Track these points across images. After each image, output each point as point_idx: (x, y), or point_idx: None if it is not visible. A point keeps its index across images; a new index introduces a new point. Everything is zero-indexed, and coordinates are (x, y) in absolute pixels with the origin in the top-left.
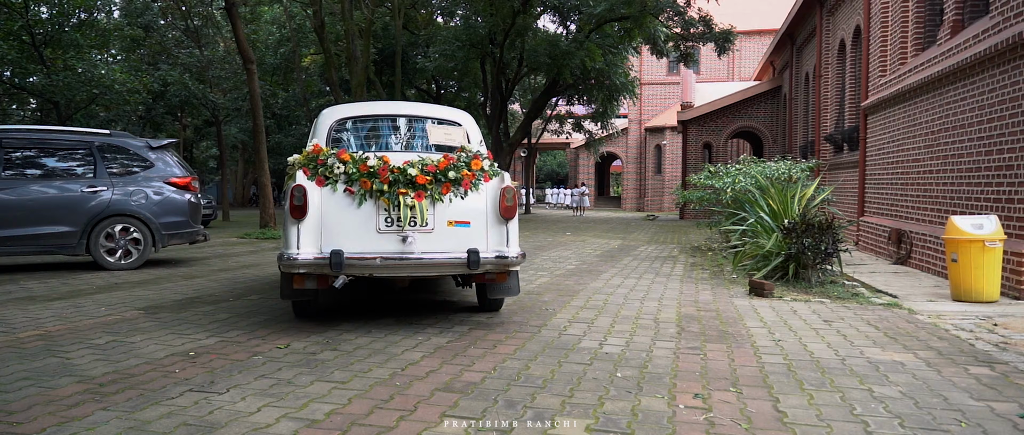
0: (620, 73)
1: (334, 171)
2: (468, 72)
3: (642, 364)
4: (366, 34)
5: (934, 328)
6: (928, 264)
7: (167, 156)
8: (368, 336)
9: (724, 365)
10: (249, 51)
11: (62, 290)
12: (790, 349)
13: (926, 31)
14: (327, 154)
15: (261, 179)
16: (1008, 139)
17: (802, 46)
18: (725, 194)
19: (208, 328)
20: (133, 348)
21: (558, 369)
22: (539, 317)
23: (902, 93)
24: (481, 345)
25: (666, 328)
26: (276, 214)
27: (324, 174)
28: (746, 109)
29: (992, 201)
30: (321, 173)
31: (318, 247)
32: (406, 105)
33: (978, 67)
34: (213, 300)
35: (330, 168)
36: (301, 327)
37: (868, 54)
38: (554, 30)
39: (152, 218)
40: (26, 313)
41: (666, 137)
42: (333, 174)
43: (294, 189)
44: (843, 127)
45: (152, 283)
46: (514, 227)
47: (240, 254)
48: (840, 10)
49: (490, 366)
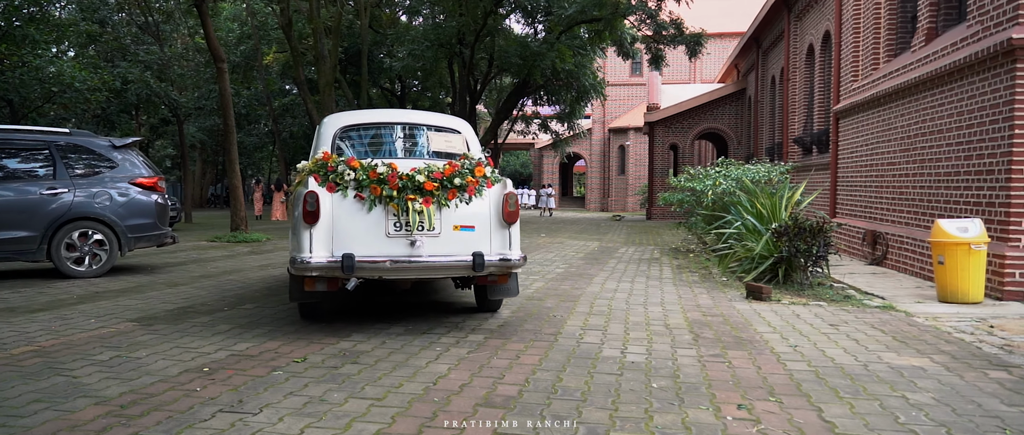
0: (589, 74)
1: (344, 178)
2: (434, 72)
3: (672, 374)
4: (334, 33)
5: (936, 331)
6: (906, 265)
7: (132, 156)
8: (384, 347)
9: (752, 373)
10: (220, 50)
11: (41, 300)
12: (810, 355)
13: (899, 38)
14: (337, 161)
15: (232, 180)
16: (988, 145)
17: (768, 50)
18: (706, 196)
19: (212, 340)
20: (141, 364)
21: (591, 380)
22: (550, 325)
23: (877, 98)
24: (503, 355)
25: (680, 335)
26: (247, 216)
27: (335, 180)
28: (711, 111)
29: (972, 205)
30: (332, 180)
31: (330, 251)
32: (407, 113)
33: (957, 74)
34: (207, 309)
35: (340, 175)
36: (311, 338)
37: (839, 59)
38: (521, 31)
39: (117, 221)
40: (11, 326)
41: (630, 138)
42: (343, 180)
43: (307, 195)
44: (812, 130)
45: (135, 291)
46: (516, 231)
47: (216, 259)
48: (808, 15)
49: (521, 378)
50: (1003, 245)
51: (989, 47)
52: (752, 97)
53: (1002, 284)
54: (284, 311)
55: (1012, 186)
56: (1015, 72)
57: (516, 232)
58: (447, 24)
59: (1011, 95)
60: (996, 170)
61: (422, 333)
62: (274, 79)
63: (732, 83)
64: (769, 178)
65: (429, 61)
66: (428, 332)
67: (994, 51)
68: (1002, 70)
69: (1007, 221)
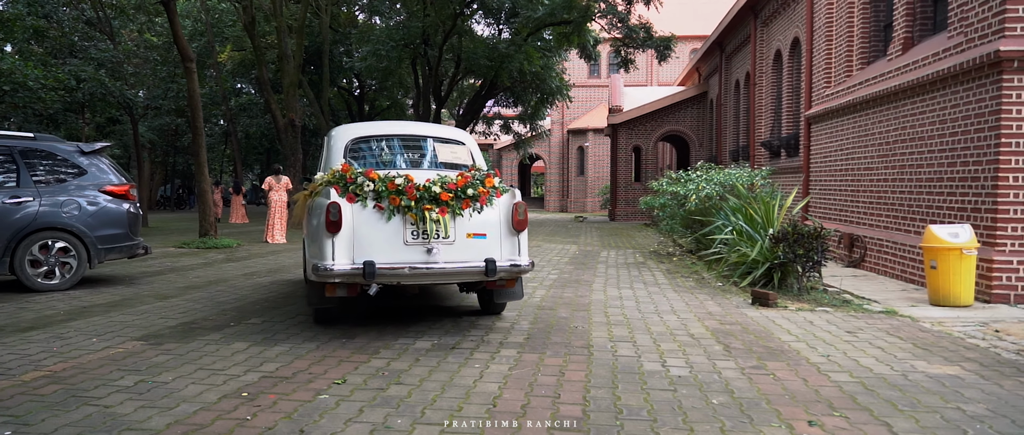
0: (555, 76)
1: (364, 189)
2: (393, 72)
3: (725, 389)
4: (299, 32)
5: (949, 337)
6: (885, 268)
7: (101, 161)
8: (420, 365)
9: (800, 386)
10: (188, 49)
11: (27, 317)
12: (846, 365)
13: (871, 46)
14: (356, 173)
15: (201, 184)
16: (973, 152)
17: (732, 54)
18: (689, 201)
19: (235, 360)
20: (172, 390)
21: (649, 398)
22: (577, 336)
23: (853, 104)
24: (546, 371)
25: (709, 345)
26: (192, 219)
27: (355, 192)
28: (674, 114)
29: (956, 210)
30: (352, 191)
31: (351, 259)
32: (413, 125)
33: (939, 83)
34: (211, 325)
35: (360, 186)
36: (336, 355)
37: (811, 65)
38: (486, 33)
39: (87, 231)
40: (6, 347)
41: (589, 139)
42: (363, 191)
43: (330, 206)
44: (780, 134)
45: (124, 305)
46: (524, 238)
47: (194, 267)
48: (776, 22)
49: (577, 396)
50: (990, 250)
51: (975, 58)
52: (715, 100)
53: (990, 287)
54: (294, 325)
55: (999, 193)
56: (1001, 83)
57: (524, 239)
58: (412, 24)
59: (997, 105)
60: (982, 177)
61: (451, 348)
62: (226, 77)
63: (694, 86)
64: (752, 182)
65: (393, 61)
66: (457, 347)
67: (980, 62)
68: (987, 80)
69: (994, 226)
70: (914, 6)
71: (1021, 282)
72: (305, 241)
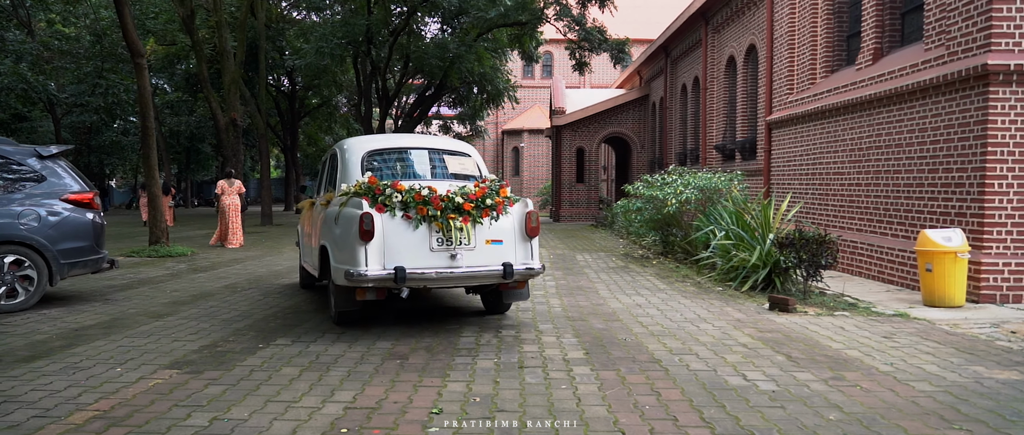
0: (502, 77)
1: (392, 200)
2: (328, 71)
3: (828, 403)
4: (241, 28)
5: (975, 338)
6: (860, 269)
7: (59, 166)
8: (508, 389)
9: (892, 397)
10: (139, 43)
11: (16, 343)
12: (916, 373)
13: (835, 55)
14: (384, 185)
15: (152, 188)
16: (957, 159)
17: (678, 59)
18: (668, 205)
19: (297, 389)
20: (259, 428)
21: (765, 416)
22: (634, 349)
23: (822, 111)
24: (637, 389)
25: (768, 355)
26: (166, 228)
27: (384, 202)
28: (616, 116)
29: (939, 214)
30: (381, 201)
31: (382, 264)
32: (422, 138)
33: (920, 93)
34: (240, 348)
35: (388, 197)
36: (407, 380)
37: (771, 73)
38: (432, 33)
39: (47, 245)
40: (24, 383)
41: (524, 140)
42: (391, 202)
43: (363, 216)
44: (734, 137)
45: (120, 327)
46: (536, 243)
47: (160, 279)
48: (728, 29)
49: (694, 418)
50: (978, 252)
51: (961, 71)
52: (656, 104)
53: (978, 288)
54: (327, 343)
55: (985, 199)
56: (988, 95)
57: (536, 244)
58: (357, 21)
59: (983, 115)
60: (967, 183)
61: (519, 367)
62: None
63: (635, 89)
64: (730, 186)
65: (336, 59)
66: (524, 365)
67: (966, 75)
68: (973, 92)
69: (981, 231)
70: (883, 19)
71: (1006, 283)
72: (301, 247)
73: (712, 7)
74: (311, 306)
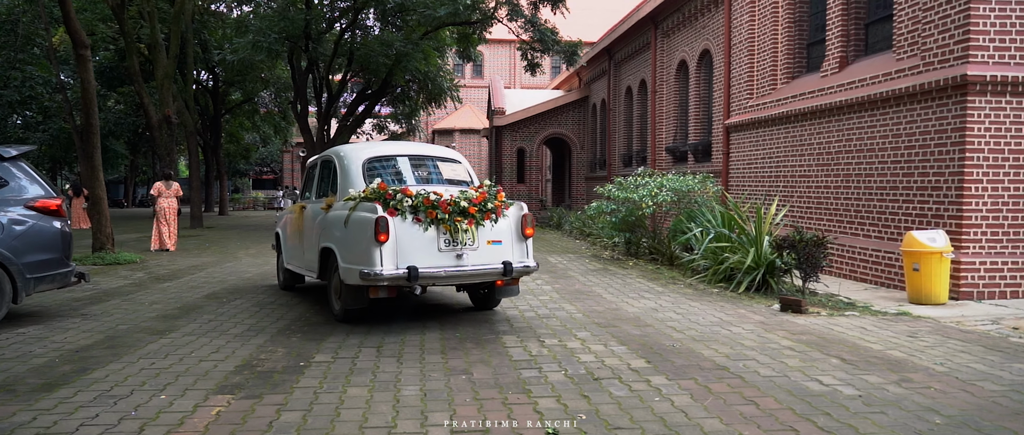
0: (446, 76)
1: (403, 204)
2: (257, 67)
3: (922, 407)
4: (175, 20)
5: (988, 335)
6: (831, 269)
7: (21, 171)
8: (604, 404)
9: (972, 398)
10: (82, 34)
11: (19, 371)
12: (970, 373)
13: (796, 62)
14: (394, 190)
15: (96, 191)
16: (934, 164)
17: (623, 62)
18: (645, 207)
19: (377, 410)
20: None
21: (875, 420)
22: (692, 356)
23: (786, 116)
24: (731, 398)
25: (818, 358)
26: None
27: (395, 206)
28: (556, 117)
29: (914, 217)
30: (392, 205)
31: (395, 264)
32: (417, 146)
33: (894, 100)
34: (280, 367)
35: (400, 201)
36: (488, 395)
37: (729, 78)
38: (374, 30)
39: (11, 257)
40: (78, 418)
41: (455, 139)
42: (402, 206)
43: (379, 220)
44: (687, 140)
45: (123, 347)
46: (530, 243)
47: (125, 290)
48: (679, 33)
49: (809, 427)
50: (957, 252)
51: (938, 80)
52: (600, 105)
53: (958, 286)
54: (369, 359)
55: (963, 202)
56: (966, 104)
57: (531, 244)
58: (295, 16)
59: (961, 123)
60: (944, 187)
61: (595, 378)
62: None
63: (575, 90)
64: (706, 187)
65: (273, 54)
66: (598, 377)
67: (943, 84)
68: (951, 101)
69: (960, 232)
70: (848, 28)
71: (982, 280)
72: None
73: (663, 12)
74: (313, 312)
